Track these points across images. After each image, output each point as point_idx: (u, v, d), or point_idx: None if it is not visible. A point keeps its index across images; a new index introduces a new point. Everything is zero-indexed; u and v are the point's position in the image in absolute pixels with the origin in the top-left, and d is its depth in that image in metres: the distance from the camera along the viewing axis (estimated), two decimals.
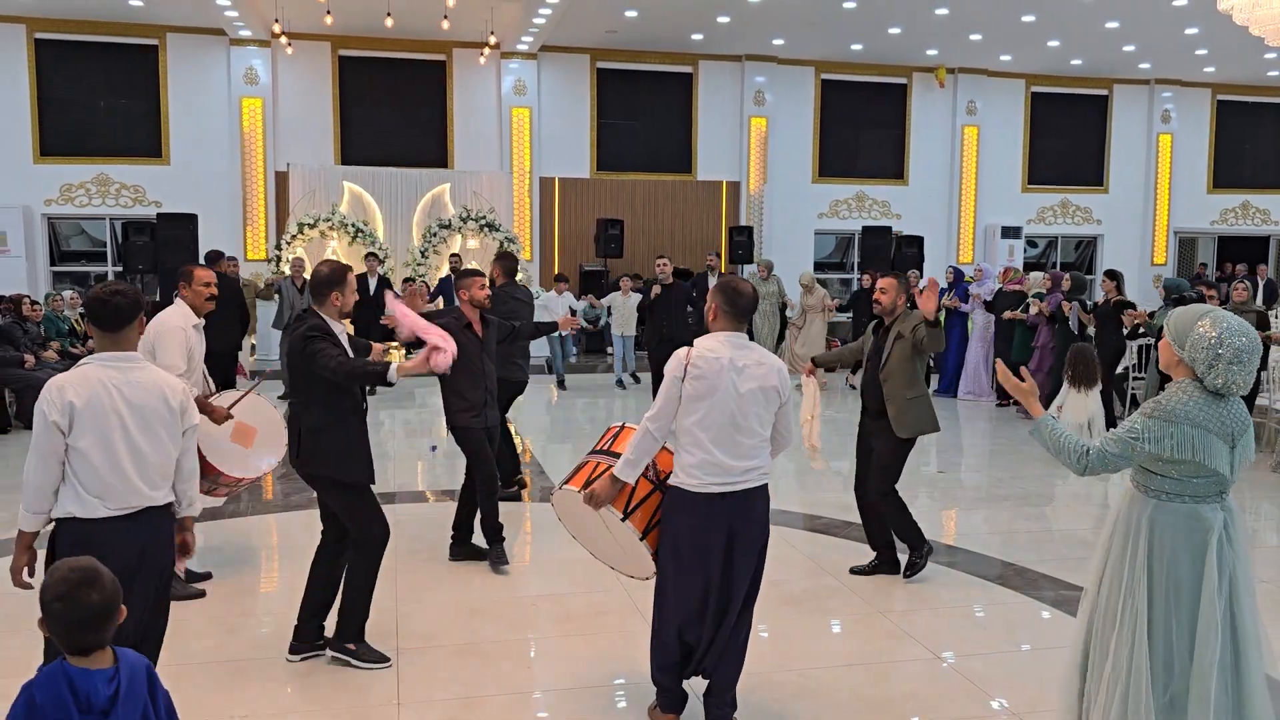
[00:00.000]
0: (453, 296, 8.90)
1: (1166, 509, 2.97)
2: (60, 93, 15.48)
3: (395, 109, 16.58)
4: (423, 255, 15.33)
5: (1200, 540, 2.93)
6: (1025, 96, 19.07)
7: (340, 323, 4.29)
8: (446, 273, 13.93)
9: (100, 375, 3.11)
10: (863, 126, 18.56)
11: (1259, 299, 15.39)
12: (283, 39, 14.54)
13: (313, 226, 14.87)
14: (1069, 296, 10.48)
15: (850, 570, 5.63)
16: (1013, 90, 18.97)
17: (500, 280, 7.43)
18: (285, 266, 13.77)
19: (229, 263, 10.83)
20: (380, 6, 13.65)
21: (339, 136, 16.36)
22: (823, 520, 6.71)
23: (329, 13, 13.83)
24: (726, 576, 3.59)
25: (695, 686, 3.85)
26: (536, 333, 6.59)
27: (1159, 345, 3.17)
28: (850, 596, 5.28)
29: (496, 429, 5.91)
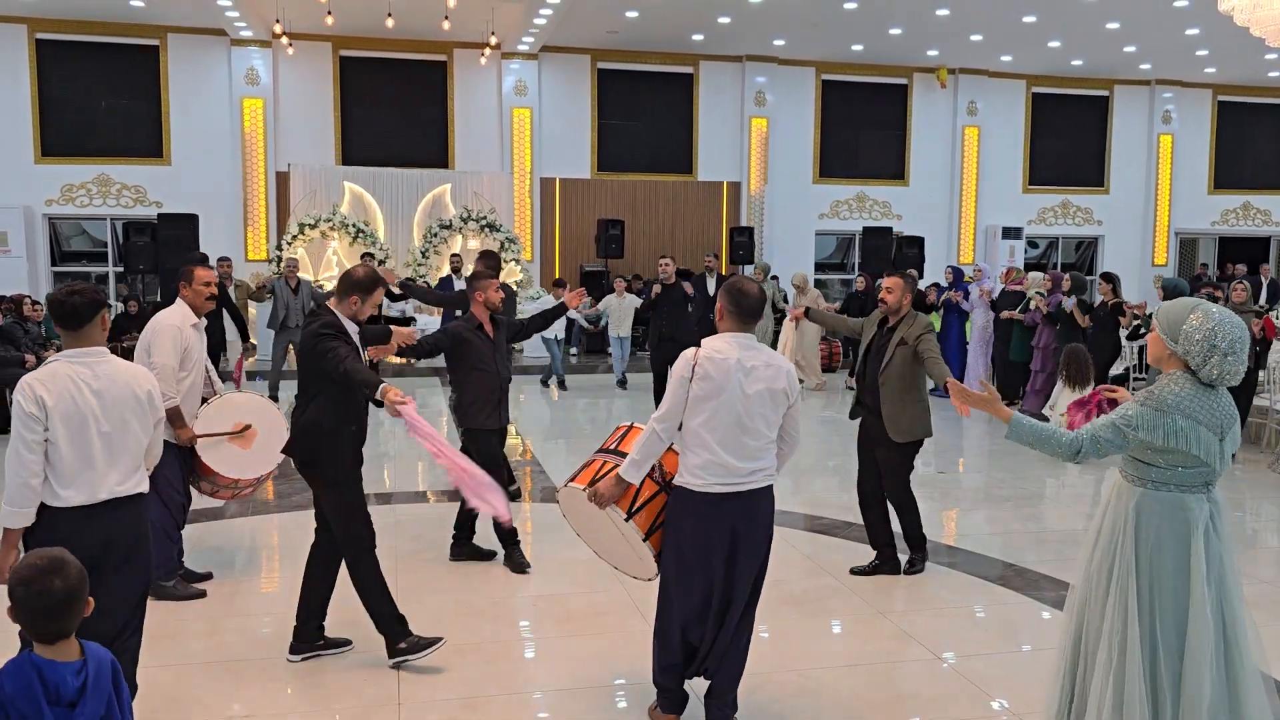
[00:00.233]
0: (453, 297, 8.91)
1: (1153, 497, 3.02)
2: (61, 93, 15.50)
3: (396, 109, 16.59)
4: (423, 256, 15.35)
5: (1184, 530, 2.98)
6: (1026, 97, 19.07)
7: (352, 323, 4.31)
8: (447, 273, 13.94)
9: (68, 371, 3.21)
10: (863, 127, 18.56)
11: (1263, 298, 15.39)
12: (284, 39, 14.55)
13: (313, 227, 14.89)
14: (1070, 294, 10.47)
15: (850, 570, 5.62)
16: (1013, 91, 18.97)
17: None
18: (276, 266, 13.78)
19: (222, 264, 10.83)
20: (381, 7, 13.66)
21: (340, 137, 16.37)
22: (823, 520, 6.71)
23: (330, 13, 13.83)
24: (729, 577, 3.59)
25: (696, 687, 3.85)
26: (545, 321, 6.42)
27: (1148, 338, 3.22)
28: (850, 596, 5.28)
29: (506, 429, 5.92)
